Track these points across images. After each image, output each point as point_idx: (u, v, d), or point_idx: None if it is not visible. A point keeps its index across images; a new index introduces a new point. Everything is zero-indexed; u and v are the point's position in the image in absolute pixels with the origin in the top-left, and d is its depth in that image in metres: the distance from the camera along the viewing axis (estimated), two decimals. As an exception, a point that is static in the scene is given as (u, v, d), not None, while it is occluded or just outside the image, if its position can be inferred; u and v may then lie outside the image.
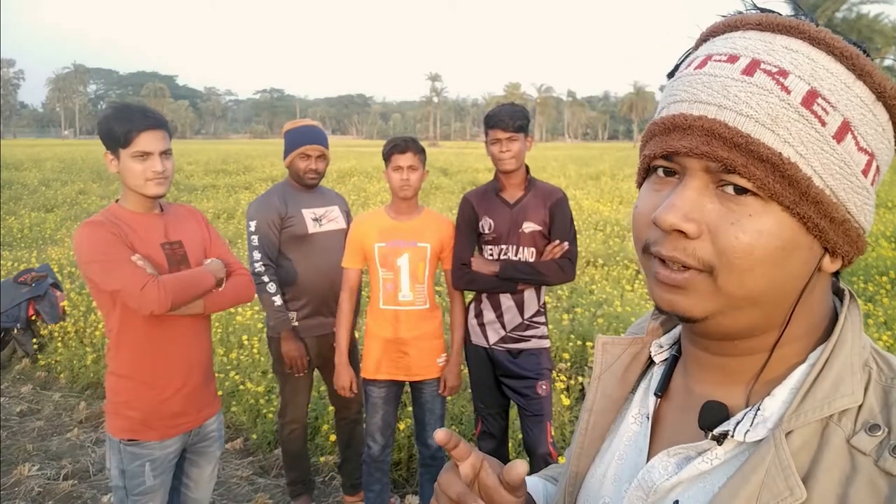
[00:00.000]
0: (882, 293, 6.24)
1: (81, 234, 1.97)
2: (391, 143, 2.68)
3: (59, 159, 23.80)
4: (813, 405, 0.54)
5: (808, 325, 0.59)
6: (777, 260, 0.53)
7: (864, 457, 0.51)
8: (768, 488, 0.52)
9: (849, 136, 0.52)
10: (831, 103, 0.52)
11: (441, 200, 14.13)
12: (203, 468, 2.30)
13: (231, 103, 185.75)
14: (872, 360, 0.57)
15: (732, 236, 0.52)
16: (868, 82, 0.53)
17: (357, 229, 2.75)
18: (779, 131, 0.51)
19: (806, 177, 0.52)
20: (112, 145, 2.00)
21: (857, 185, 0.54)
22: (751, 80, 0.52)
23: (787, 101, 0.51)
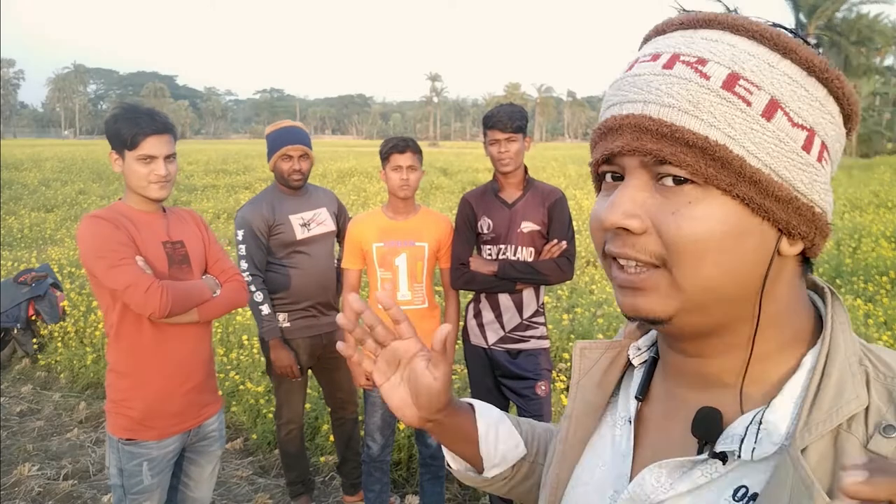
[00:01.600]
0: (882, 293, 6.24)
1: (87, 227, 1.98)
2: (389, 142, 2.68)
3: (59, 159, 23.79)
4: (821, 416, 0.52)
5: (785, 322, 0.58)
6: (726, 246, 0.52)
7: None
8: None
9: (779, 113, 0.52)
10: (755, 83, 0.52)
11: (441, 200, 14.12)
12: (203, 467, 2.30)
13: (231, 103, 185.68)
14: (865, 357, 0.56)
15: (675, 226, 0.53)
16: (794, 59, 0.53)
17: (355, 230, 2.75)
18: (702, 116, 0.52)
19: (738, 157, 0.51)
20: (118, 146, 2.02)
21: (800, 162, 0.53)
22: (670, 72, 0.53)
23: (706, 86, 0.52)
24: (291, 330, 2.95)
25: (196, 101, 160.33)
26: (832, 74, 0.54)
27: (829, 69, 0.54)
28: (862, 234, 8.76)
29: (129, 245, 1.98)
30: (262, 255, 2.89)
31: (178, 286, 2.02)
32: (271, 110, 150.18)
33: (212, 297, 2.14)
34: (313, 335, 3.00)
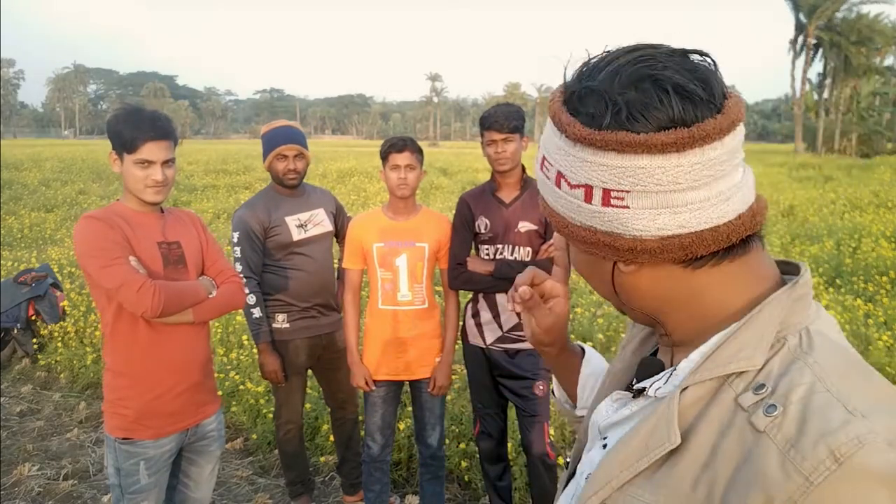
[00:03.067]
0: (882, 293, 6.24)
1: (82, 227, 1.99)
2: (388, 142, 2.68)
3: (59, 159, 23.76)
4: (711, 366, 0.62)
5: (690, 309, 0.67)
6: (587, 274, 0.74)
7: (742, 412, 0.58)
8: (655, 435, 0.62)
9: (563, 181, 0.66)
10: (550, 161, 0.68)
11: (441, 200, 14.12)
12: (203, 467, 2.30)
13: (231, 103, 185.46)
14: (799, 337, 0.62)
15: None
16: (566, 133, 0.64)
17: (355, 230, 2.75)
18: (542, 189, 0.72)
19: (560, 216, 0.69)
20: (117, 147, 2.03)
21: (588, 212, 0.65)
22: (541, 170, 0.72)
23: (538, 168, 0.71)
24: (291, 331, 2.95)
25: (196, 101, 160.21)
26: (588, 136, 0.62)
27: (582, 134, 0.62)
28: (862, 234, 8.76)
29: (123, 245, 1.98)
30: (258, 257, 2.89)
31: (172, 286, 2.02)
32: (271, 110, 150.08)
33: (207, 298, 2.14)
34: (313, 336, 2.99)
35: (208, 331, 2.28)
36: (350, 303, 2.79)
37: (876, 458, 0.50)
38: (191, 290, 2.10)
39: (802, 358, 0.59)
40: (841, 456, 0.51)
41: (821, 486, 0.51)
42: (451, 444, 3.59)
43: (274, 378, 2.93)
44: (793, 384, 0.57)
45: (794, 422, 0.54)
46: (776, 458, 0.53)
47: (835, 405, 0.54)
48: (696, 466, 0.59)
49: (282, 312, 2.94)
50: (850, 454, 0.50)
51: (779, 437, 0.54)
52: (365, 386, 2.75)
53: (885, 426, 0.52)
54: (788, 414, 0.55)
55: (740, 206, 0.63)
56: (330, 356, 3.09)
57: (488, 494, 2.98)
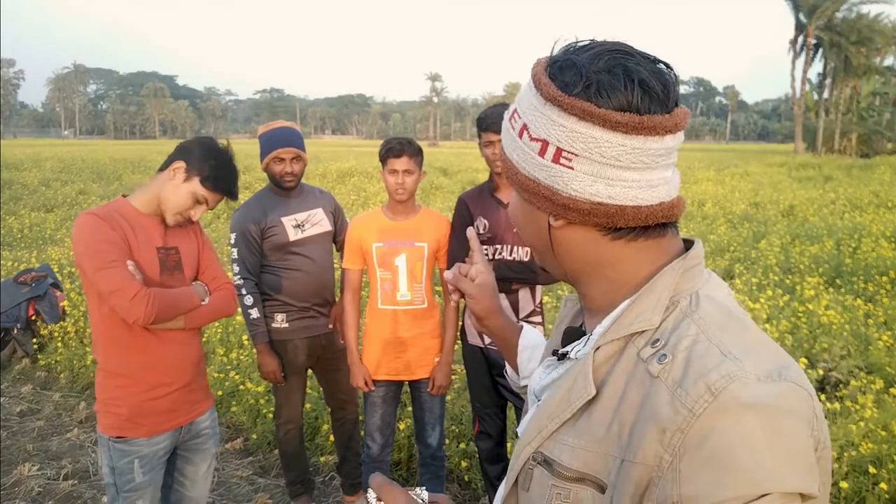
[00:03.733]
0: (882, 293, 6.24)
1: (83, 223, 1.97)
2: (387, 144, 2.66)
3: (59, 159, 23.75)
4: (617, 328, 0.73)
5: (618, 275, 0.77)
6: (522, 222, 0.81)
7: (642, 363, 0.69)
8: (574, 389, 0.73)
9: (525, 133, 0.75)
10: (518, 114, 0.77)
11: (441, 200, 14.12)
12: (198, 465, 2.30)
13: (231, 103, 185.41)
14: (689, 299, 0.72)
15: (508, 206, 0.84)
16: (539, 91, 0.73)
17: (355, 230, 2.75)
18: (503, 137, 0.81)
19: (512, 163, 0.78)
20: (196, 170, 2.05)
21: (539, 165, 0.74)
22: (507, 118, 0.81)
23: (506, 120, 0.80)
24: (290, 331, 2.95)
25: (196, 101, 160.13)
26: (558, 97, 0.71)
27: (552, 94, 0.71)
28: (862, 234, 8.76)
29: (122, 247, 1.97)
30: (255, 258, 2.89)
31: (166, 294, 2.01)
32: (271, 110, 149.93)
33: (199, 305, 2.14)
34: (312, 336, 2.99)
35: (199, 333, 2.28)
36: (350, 302, 2.79)
37: (743, 390, 0.61)
38: (184, 297, 2.09)
39: (690, 315, 0.70)
40: (716, 390, 0.61)
41: (701, 416, 0.61)
42: (451, 444, 3.60)
43: (273, 378, 2.93)
44: (680, 336, 0.68)
45: (680, 366, 0.65)
46: (666, 396, 0.63)
47: (712, 350, 0.65)
48: (608, 412, 0.69)
49: (281, 312, 2.94)
50: (723, 388, 0.61)
51: (668, 379, 0.65)
52: (364, 386, 2.75)
53: (754, 365, 0.63)
54: (676, 360, 0.66)
55: (664, 196, 0.74)
56: (329, 356, 3.09)
57: (488, 494, 2.98)
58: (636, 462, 0.64)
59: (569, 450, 0.71)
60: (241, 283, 2.84)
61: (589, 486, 0.69)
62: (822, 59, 40.91)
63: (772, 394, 0.61)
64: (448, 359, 2.79)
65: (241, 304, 2.81)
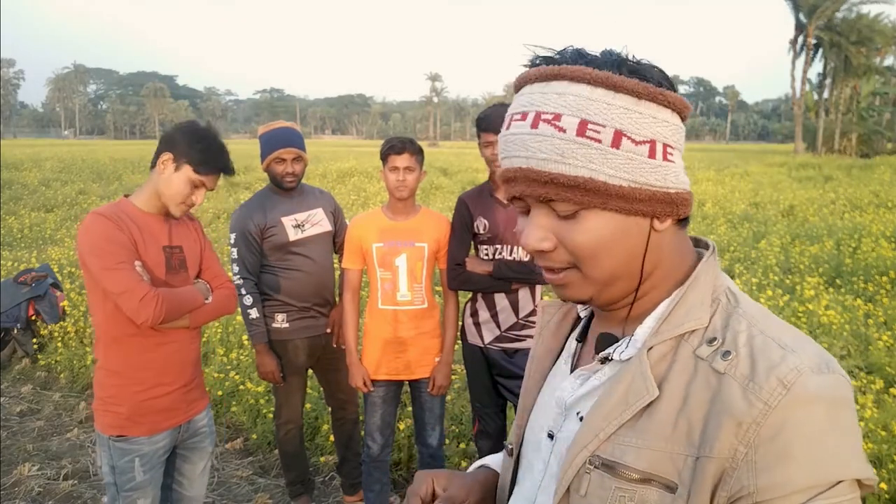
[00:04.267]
0: (882, 293, 6.24)
1: (90, 223, 1.97)
2: (388, 143, 2.68)
3: (59, 159, 23.75)
4: (668, 328, 0.72)
5: (669, 270, 0.76)
6: (613, 244, 0.72)
7: (703, 362, 0.69)
8: (632, 390, 0.71)
9: (624, 139, 0.69)
10: (600, 123, 0.68)
11: (441, 200, 14.12)
12: (196, 464, 2.31)
13: (231, 103, 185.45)
14: (725, 296, 0.74)
15: (572, 240, 0.71)
16: (625, 92, 0.68)
17: (355, 230, 2.75)
18: (569, 161, 0.68)
19: (603, 183, 0.68)
20: (183, 156, 2.03)
21: (649, 168, 0.70)
22: (538, 131, 0.69)
23: (565, 138, 0.68)
24: (290, 331, 2.95)
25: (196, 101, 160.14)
26: (654, 93, 0.69)
27: (650, 90, 0.69)
28: (862, 234, 8.76)
29: (130, 248, 1.98)
30: (255, 258, 2.89)
31: (173, 294, 2.03)
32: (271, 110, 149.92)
33: (204, 304, 2.16)
34: (312, 335, 3.00)
35: (199, 332, 2.29)
36: (349, 302, 2.79)
37: (810, 382, 0.64)
38: (190, 296, 2.11)
39: (735, 311, 0.72)
40: (787, 383, 0.64)
41: (776, 408, 0.63)
42: (451, 444, 3.60)
43: (271, 379, 2.93)
44: (736, 332, 0.70)
45: (746, 361, 0.67)
46: (739, 391, 0.65)
47: (770, 344, 0.68)
48: (672, 411, 0.69)
49: (281, 312, 2.94)
50: (794, 381, 0.64)
51: (737, 374, 0.66)
52: (363, 387, 2.75)
53: (809, 357, 0.66)
54: (740, 356, 0.67)
55: None
56: (330, 356, 3.09)
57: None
58: (713, 457, 0.64)
59: (633, 451, 0.69)
60: (241, 283, 2.84)
61: (655, 486, 0.68)
62: (822, 59, 40.90)
63: (831, 385, 0.64)
64: (448, 359, 2.79)
65: (240, 304, 2.81)
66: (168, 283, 2.08)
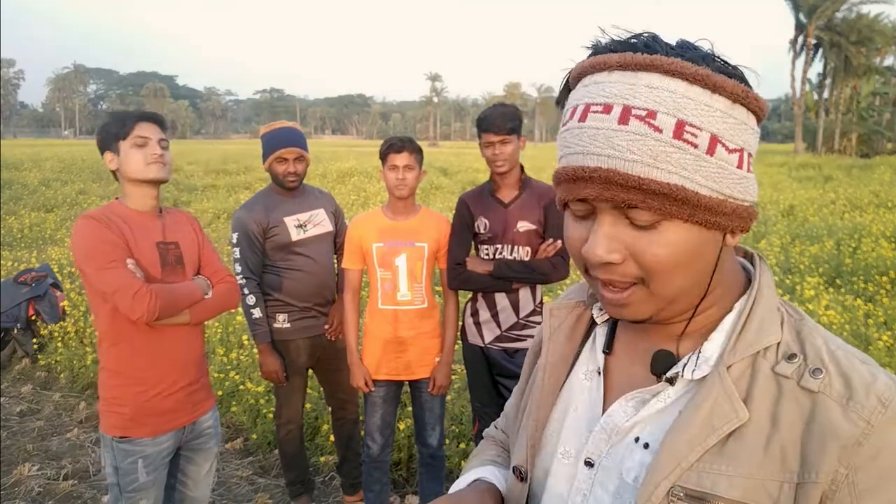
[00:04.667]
0: (882, 293, 6.24)
1: (80, 227, 1.99)
2: (388, 142, 2.69)
3: (59, 159, 23.74)
4: (745, 344, 0.67)
5: (725, 286, 0.72)
6: (690, 259, 0.65)
7: (787, 380, 0.65)
8: (717, 413, 0.65)
9: (718, 146, 0.62)
10: (697, 126, 0.61)
11: (441, 200, 14.12)
12: (200, 465, 2.30)
13: (231, 103, 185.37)
14: (781, 305, 0.72)
15: (651, 254, 0.64)
16: (723, 94, 0.62)
17: (355, 230, 2.75)
18: (661, 166, 0.61)
19: (693, 193, 0.62)
20: (111, 142, 2.04)
21: (736, 179, 0.64)
22: (627, 128, 0.61)
23: (661, 139, 0.60)
24: (292, 331, 2.95)
25: (196, 101, 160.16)
26: (751, 97, 0.63)
27: (748, 94, 0.63)
28: (862, 234, 8.76)
29: (121, 246, 1.98)
30: (257, 258, 2.89)
31: (168, 290, 2.02)
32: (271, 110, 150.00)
33: (203, 299, 2.15)
34: (313, 336, 3.00)
35: (202, 328, 2.29)
36: (350, 302, 2.80)
37: None
38: (187, 292, 2.10)
39: (802, 325, 0.69)
40: (886, 401, 0.62)
41: (877, 427, 0.61)
42: (451, 444, 3.60)
43: (274, 378, 2.93)
44: (816, 348, 0.66)
45: (839, 379, 0.64)
46: (839, 411, 0.62)
47: (853, 360, 0.66)
48: (762, 434, 0.64)
49: (282, 312, 2.94)
50: (891, 399, 0.62)
51: (833, 394, 0.63)
52: (364, 387, 2.75)
53: (887, 373, 0.65)
54: (831, 374, 0.64)
55: None
56: (330, 356, 3.09)
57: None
58: (818, 482, 0.61)
59: (725, 479, 0.64)
60: (244, 282, 2.84)
61: None
62: (822, 59, 40.88)
63: None
64: (448, 358, 2.79)
65: (243, 304, 2.82)
66: (165, 279, 2.08)
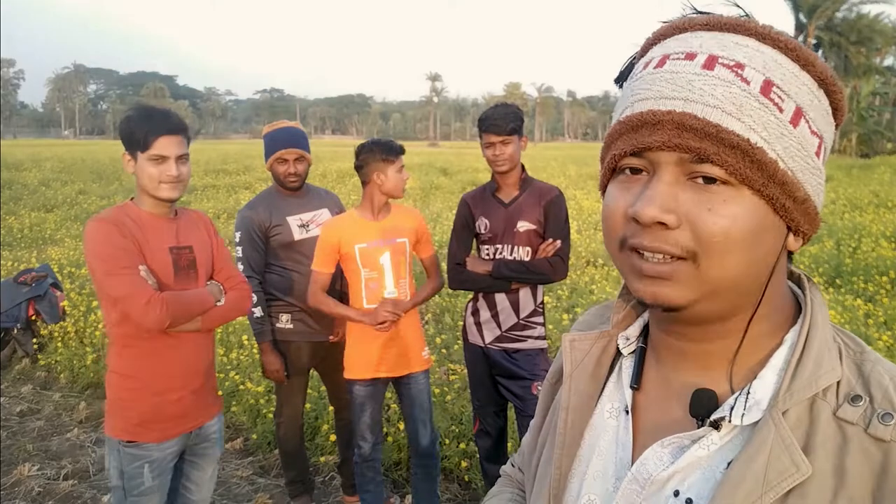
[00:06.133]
0: (882, 293, 6.24)
1: (92, 230, 1.97)
2: (388, 145, 2.67)
3: (59, 159, 23.74)
4: (802, 384, 0.57)
5: (772, 306, 0.62)
6: (750, 241, 0.56)
7: (852, 426, 0.56)
8: (774, 466, 0.55)
9: (802, 121, 0.56)
10: (785, 91, 0.56)
11: (441, 200, 14.12)
12: (204, 470, 2.30)
13: (231, 103, 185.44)
14: (837, 336, 0.62)
15: (711, 222, 0.55)
16: (811, 71, 0.57)
17: (332, 233, 2.68)
18: (744, 119, 0.54)
19: (772, 160, 0.55)
20: (131, 147, 2.02)
21: (812, 166, 0.58)
22: (712, 73, 0.55)
23: (747, 90, 0.54)
24: (294, 331, 2.95)
25: (196, 101, 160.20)
26: (838, 87, 0.58)
27: (836, 83, 0.58)
28: (862, 234, 8.76)
29: (133, 252, 1.96)
30: (259, 257, 2.89)
31: (179, 298, 2.00)
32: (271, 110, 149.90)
33: (215, 306, 2.12)
34: (316, 336, 3.00)
35: (213, 334, 2.27)
36: (321, 294, 2.69)
37: None
38: (198, 299, 2.07)
39: (863, 359, 0.60)
40: None
41: None
42: (451, 444, 3.59)
43: (276, 377, 2.93)
44: (884, 388, 0.57)
45: None
46: None
47: None
48: (827, 490, 0.55)
49: (285, 313, 2.94)
50: None
51: None
52: (394, 315, 2.63)
53: None
54: None
55: None
56: (334, 356, 3.08)
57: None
58: None
59: None
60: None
61: None
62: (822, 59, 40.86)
63: None
64: (405, 304, 2.68)
65: None
66: (178, 285, 2.06)
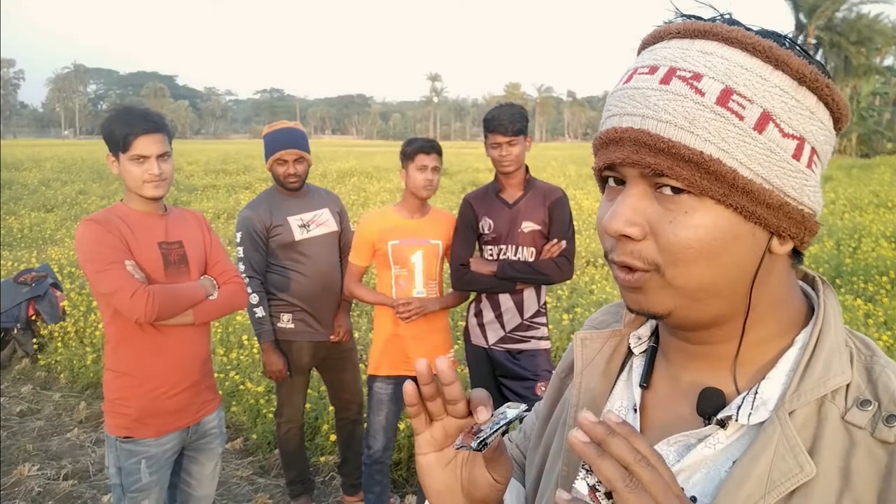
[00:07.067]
0: (882, 293, 6.24)
1: (81, 231, 2.00)
2: (416, 143, 2.71)
3: (59, 159, 23.74)
4: (810, 385, 0.58)
5: (780, 309, 0.62)
6: (716, 250, 0.56)
7: (859, 430, 0.56)
8: (778, 467, 0.55)
9: (770, 125, 0.55)
10: (747, 97, 0.54)
11: (441, 200, 14.11)
12: (204, 465, 2.30)
13: (231, 103, 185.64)
14: (849, 339, 0.62)
15: (671, 233, 0.56)
16: (786, 70, 0.55)
17: (368, 228, 2.76)
18: (697, 132, 0.54)
19: (731, 169, 0.54)
20: (113, 148, 2.05)
21: (791, 170, 0.56)
22: (667, 87, 0.56)
23: (701, 102, 0.54)
24: (295, 331, 2.95)
25: (196, 101, 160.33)
26: (822, 83, 0.56)
27: (818, 78, 0.56)
28: (862, 234, 8.76)
29: (120, 248, 1.98)
30: (261, 257, 2.89)
31: (167, 290, 2.02)
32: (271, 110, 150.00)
33: (206, 300, 2.13)
34: (317, 336, 3.00)
35: (209, 329, 2.28)
36: (355, 284, 2.81)
37: None
38: (188, 292, 2.09)
39: (873, 363, 0.60)
40: None
41: None
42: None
43: (278, 377, 2.93)
44: (891, 392, 0.57)
45: None
46: None
47: None
48: (831, 492, 0.55)
49: (286, 313, 2.94)
50: None
51: None
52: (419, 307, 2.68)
53: None
54: None
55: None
56: (335, 356, 3.09)
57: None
58: None
59: None
60: (247, 281, 2.84)
61: None
62: (822, 59, 40.90)
63: None
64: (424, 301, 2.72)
65: (247, 302, 2.83)
66: (169, 279, 2.08)
